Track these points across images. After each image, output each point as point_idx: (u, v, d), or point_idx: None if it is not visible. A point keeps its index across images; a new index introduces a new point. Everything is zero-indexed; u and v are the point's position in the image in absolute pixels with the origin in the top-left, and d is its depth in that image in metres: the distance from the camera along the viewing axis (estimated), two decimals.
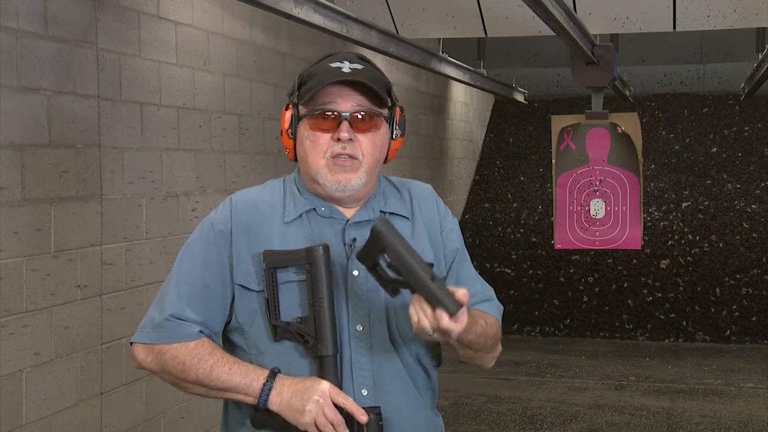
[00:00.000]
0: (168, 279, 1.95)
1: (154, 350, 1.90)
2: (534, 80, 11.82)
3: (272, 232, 1.92)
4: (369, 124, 1.91)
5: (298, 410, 1.79)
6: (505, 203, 11.08)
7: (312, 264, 1.84)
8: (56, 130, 3.70)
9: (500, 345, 2.03)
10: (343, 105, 1.89)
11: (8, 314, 3.45)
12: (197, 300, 1.90)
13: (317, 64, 1.95)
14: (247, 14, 5.26)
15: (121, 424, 4.19)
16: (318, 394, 1.79)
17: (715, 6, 5.81)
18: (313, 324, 1.84)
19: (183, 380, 1.89)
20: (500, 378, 7.50)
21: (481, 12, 6.03)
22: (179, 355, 1.88)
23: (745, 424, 6.26)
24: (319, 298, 1.84)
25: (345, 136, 1.87)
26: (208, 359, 1.86)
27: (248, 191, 2.01)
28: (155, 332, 1.90)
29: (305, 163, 1.93)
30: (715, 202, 10.42)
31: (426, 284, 1.69)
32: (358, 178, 1.89)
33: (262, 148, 5.42)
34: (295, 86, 1.96)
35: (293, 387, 1.82)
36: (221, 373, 1.85)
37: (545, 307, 9.69)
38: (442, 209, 2.05)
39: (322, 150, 1.89)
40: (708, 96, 11.69)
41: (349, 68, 1.89)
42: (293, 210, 1.94)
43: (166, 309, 1.90)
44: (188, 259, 1.94)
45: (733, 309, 9.29)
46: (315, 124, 1.90)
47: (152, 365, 1.92)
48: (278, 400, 1.82)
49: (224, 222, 1.94)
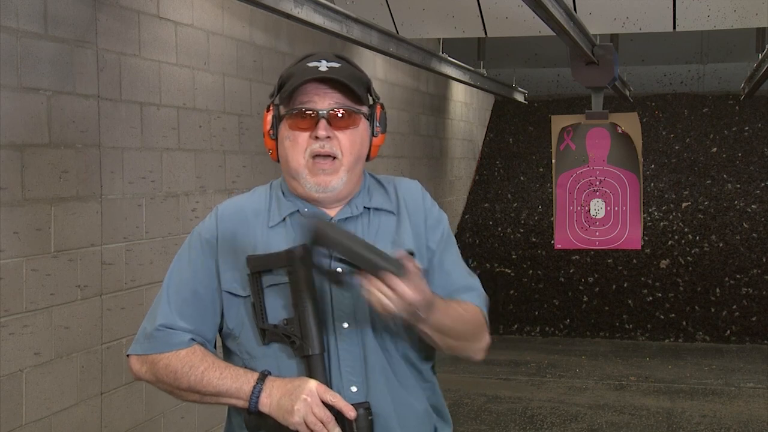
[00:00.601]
0: (160, 291, 1.99)
1: (147, 361, 1.93)
2: (534, 80, 11.82)
3: (257, 237, 1.94)
4: (347, 121, 1.92)
5: (287, 410, 1.81)
6: (505, 203, 11.08)
7: (292, 265, 1.86)
8: (56, 130, 3.70)
9: (487, 335, 2.02)
10: (320, 103, 1.91)
11: (8, 314, 3.45)
12: (187, 308, 1.93)
13: (296, 64, 1.98)
14: (247, 14, 5.26)
15: (121, 424, 4.19)
16: (306, 393, 1.80)
17: (715, 6, 5.81)
18: (298, 324, 1.86)
19: (176, 388, 1.92)
20: (500, 378, 7.50)
21: (481, 12, 6.03)
22: (171, 364, 1.90)
23: (745, 424, 6.26)
24: (302, 298, 1.86)
25: (323, 134, 1.89)
26: (199, 366, 1.89)
27: (234, 199, 2.04)
28: (147, 343, 1.94)
29: (286, 162, 1.96)
30: (715, 202, 10.42)
31: (362, 255, 1.71)
32: (339, 179, 1.91)
33: (262, 148, 5.41)
34: (276, 88, 1.99)
35: (282, 388, 1.83)
36: (212, 379, 1.87)
37: (545, 307, 9.69)
38: (428, 202, 2.05)
39: (302, 149, 1.92)
40: (708, 96, 11.69)
41: (327, 66, 1.92)
42: (277, 214, 1.97)
43: (157, 319, 1.94)
44: (177, 270, 1.98)
45: (733, 309, 9.29)
46: (294, 124, 1.93)
47: (147, 375, 1.95)
48: (268, 401, 1.83)
49: (210, 231, 1.97)
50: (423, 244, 2.00)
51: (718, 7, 5.82)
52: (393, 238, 1.94)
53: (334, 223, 1.80)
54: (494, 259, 10.26)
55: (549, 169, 10.19)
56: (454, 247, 2.07)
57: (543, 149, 11.25)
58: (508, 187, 11.31)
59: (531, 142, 11.78)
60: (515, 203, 11.04)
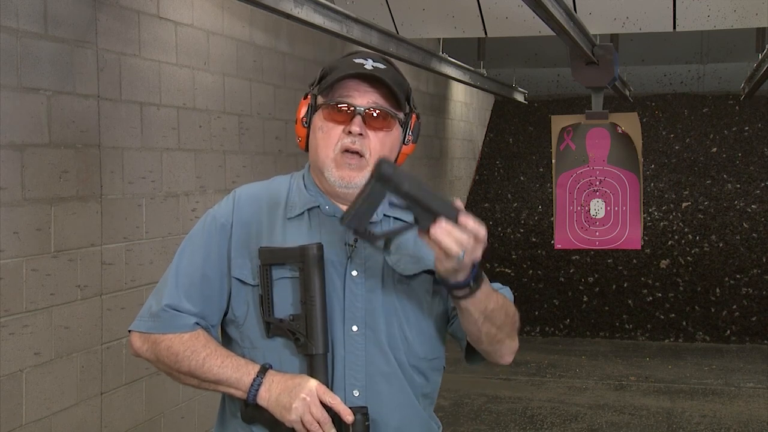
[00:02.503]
0: (168, 269, 1.96)
1: (149, 339, 1.92)
2: (534, 80, 11.82)
3: (274, 227, 1.93)
4: (382, 123, 1.91)
5: (285, 407, 1.80)
6: (505, 203, 11.08)
7: (305, 263, 1.85)
8: (56, 130, 3.70)
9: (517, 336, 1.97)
10: (359, 99, 1.90)
11: (8, 314, 3.45)
12: (195, 292, 1.92)
13: (342, 59, 1.97)
14: (247, 14, 5.26)
15: (121, 424, 4.19)
16: (305, 392, 1.80)
17: (715, 6, 5.81)
18: (304, 322, 1.84)
19: (176, 371, 1.90)
20: (500, 378, 7.50)
21: (481, 12, 6.02)
22: (173, 346, 1.89)
23: (745, 424, 6.27)
24: (311, 297, 1.84)
25: (356, 129, 1.88)
26: (201, 351, 1.87)
27: (253, 185, 2.02)
28: (151, 321, 1.92)
29: (315, 153, 1.94)
30: (715, 202, 10.42)
31: (430, 195, 1.68)
32: (362, 177, 1.87)
33: (262, 148, 5.42)
34: (317, 78, 1.97)
35: (282, 384, 1.82)
36: (213, 366, 1.86)
37: (545, 307, 9.69)
38: None
39: (333, 142, 1.90)
40: (708, 96, 11.69)
41: (372, 66, 1.91)
42: (297, 206, 1.95)
43: (163, 299, 1.92)
44: (189, 251, 1.96)
45: (733, 309, 9.29)
46: (329, 115, 1.91)
47: (147, 354, 1.94)
48: (267, 396, 1.83)
49: (226, 215, 1.95)
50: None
51: (718, 7, 5.81)
52: (412, 251, 1.92)
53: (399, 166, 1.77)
54: (494, 259, 10.26)
55: (549, 169, 10.19)
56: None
57: (543, 149, 11.25)
58: (508, 187, 11.32)
59: (531, 142, 11.78)
60: (515, 203, 11.04)
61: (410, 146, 2.00)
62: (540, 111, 11.85)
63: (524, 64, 11.20)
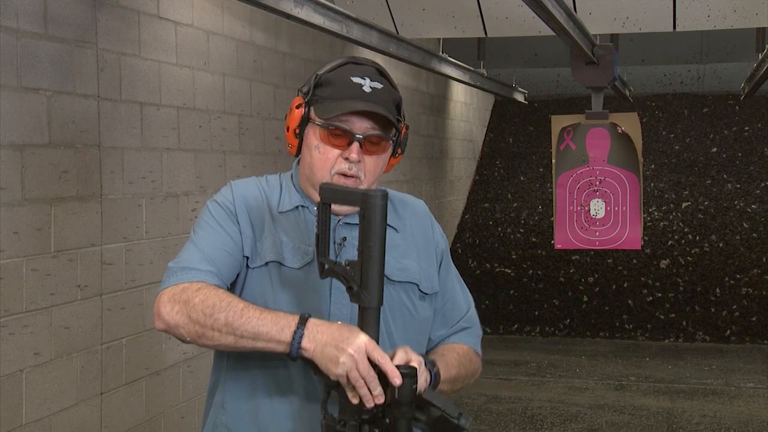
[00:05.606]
0: (185, 245, 1.96)
1: (181, 299, 1.83)
2: (534, 80, 11.82)
3: (267, 217, 1.97)
4: (378, 147, 1.95)
5: (331, 360, 1.72)
6: (505, 203, 11.08)
7: (367, 210, 1.72)
8: (56, 130, 3.70)
9: (480, 366, 2.11)
10: (358, 125, 1.92)
11: (8, 314, 3.45)
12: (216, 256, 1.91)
13: (337, 70, 1.96)
14: (247, 14, 5.26)
15: (121, 424, 4.19)
16: (354, 348, 1.70)
17: (715, 6, 5.81)
18: (360, 271, 1.73)
19: (210, 326, 1.79)
20: (500, 378, 7.50)
21: (481, 12, 6.02)
22: (208, 298, 1.81)
23: (745, 424, 6.27)
24: (369, 246, 1.72)
25: (354, 158, 1.91)
26: (238, 303, 1.80)
27: (247, 179, 2.06)
28: (176, 276, 1.88)
29: (309, 169, 1.96)
30: (715, 202, 10.43)
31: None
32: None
33: (262, 148, 5.42)
34: (311, 86, 1.96)
35: (329, 334, 1.74)
36: (251, 318, 1.78)
37: (545, 307, 9.69)
38: (436, 225, 2.11)
39: (330, 165, 1.93)
40: (708, 96, 11.69)
41: (370, 87, 1.92)
42: (288, 202, 1.99)
43: (183, 261, 1.90)
44: (205, 225, 1.96)
45: (733, 309, 9.29)
46: (327, 138, 1.93)
47: (177, 316, 1.82)
48: (311, 347, 1.74)
49: (229, 201, 1.98)
50: (435, 267, 2.05)
51: (718, 7, 5.81)
52: (396, 253, 1.96)
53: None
54: (494, 259, 10.26)
55: (549, 169, 10.20)
56: (453, 269, 2.13)
57: (543, 149, 11.25)
58: (508, 187, 11.32)
59: (531, 142, 11.79)
60: (515, 203, 11.04)
61: (398, 157, 2.05)
62: (540, 111, 11.85)
63: (524, 64, 11.21)
